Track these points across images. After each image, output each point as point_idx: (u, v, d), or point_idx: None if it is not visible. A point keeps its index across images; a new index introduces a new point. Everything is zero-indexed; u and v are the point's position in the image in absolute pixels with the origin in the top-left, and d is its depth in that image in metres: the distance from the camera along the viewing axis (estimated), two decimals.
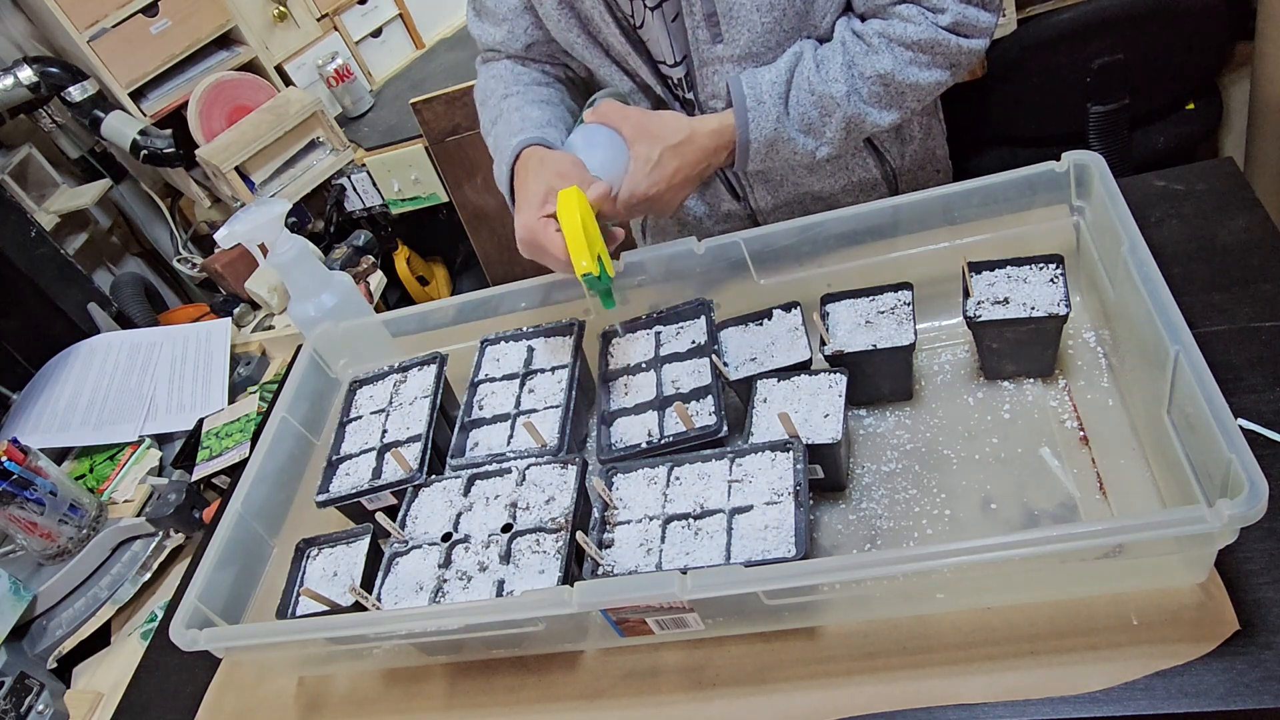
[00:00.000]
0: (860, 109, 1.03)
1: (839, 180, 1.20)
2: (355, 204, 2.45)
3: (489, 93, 1.19)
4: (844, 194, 1.21)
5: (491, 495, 1.00)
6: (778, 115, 1.03)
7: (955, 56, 1.01)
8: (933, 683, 0.79)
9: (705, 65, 1.06)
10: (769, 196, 1.22)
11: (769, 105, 1.03)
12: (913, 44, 0.99)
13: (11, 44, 2.19)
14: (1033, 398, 0.94)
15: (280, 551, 1.11)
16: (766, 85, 1.03)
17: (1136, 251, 0.83)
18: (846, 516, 0.92)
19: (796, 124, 1.04)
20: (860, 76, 1.01)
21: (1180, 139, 1.97)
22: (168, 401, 1.66)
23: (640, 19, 1.07)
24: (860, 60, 1.01)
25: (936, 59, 1.01)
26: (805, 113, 1.03)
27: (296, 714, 1.00)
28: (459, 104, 2.18)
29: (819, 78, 1.02)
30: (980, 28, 0.99)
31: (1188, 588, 0.77)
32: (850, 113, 1.03)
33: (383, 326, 1.28)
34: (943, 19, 0.98)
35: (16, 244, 1.87)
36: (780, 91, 1.03)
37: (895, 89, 1.02)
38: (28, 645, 1.37)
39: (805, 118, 1.04)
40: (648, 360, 1.08)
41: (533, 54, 1.20)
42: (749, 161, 1.07)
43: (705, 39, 1.04)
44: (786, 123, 1.04)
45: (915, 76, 1.01)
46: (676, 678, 0.88)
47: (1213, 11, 1.76)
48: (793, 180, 1.20)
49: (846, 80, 1.01)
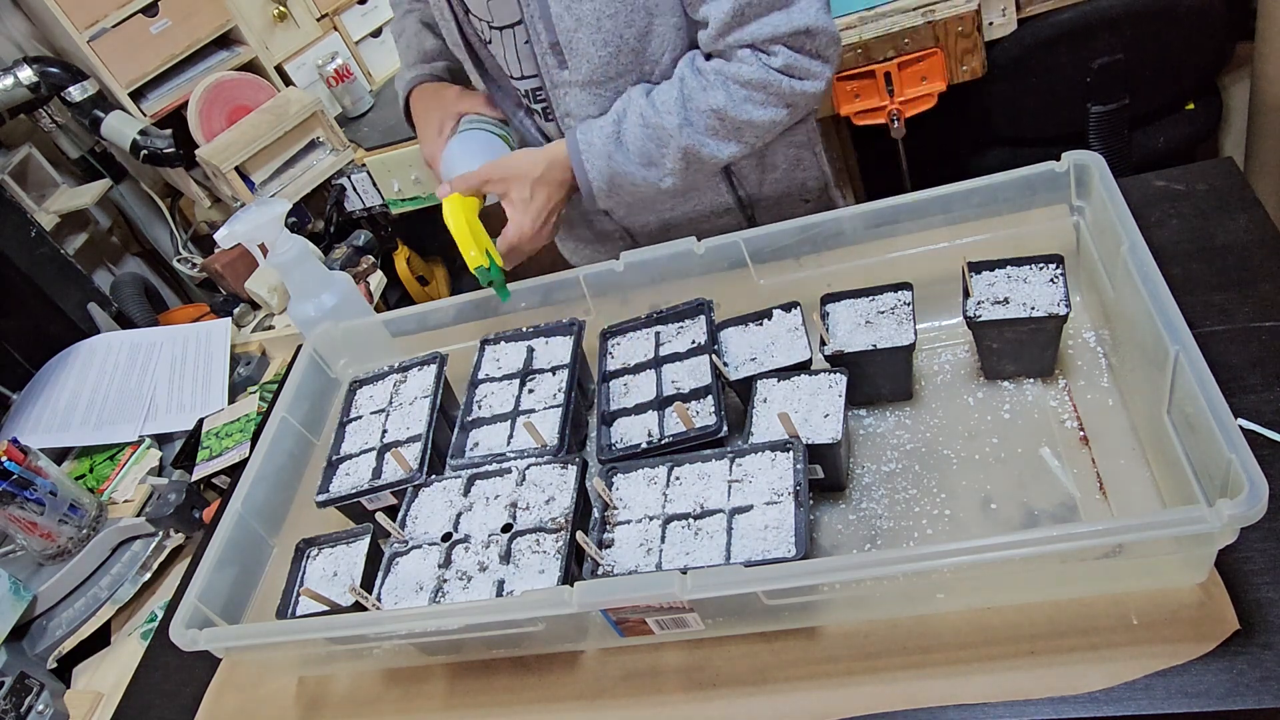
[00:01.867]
0: (696, 139, 1.06)
1: (689, 205, 1.24)
2: (355, 204, 2.45)
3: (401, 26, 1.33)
4: (698, 220, 1.25)
5: (491, 495, 1.00)
6: (609, 153, 1.09)
7: (790, 97, 1.04)
8: (933, 683, 0.79)
9: (556, 87, 1.12)
10: (633, 220, 1.27)
11: (599, 147, 1.09)
12: (746, 82, 1.03)
13: (11, 44, 2.18)
14: (1033, 398, 0.94)
15: (280, 551, 1.11)
16: (596, 129, 1.10)
17: (1136, 251, 0.83)
18: (846, 516, 0.92)
19: (635, 158, 1.09)
20: (695, 110, 1.05)
21: (1180, 139, 1.97)
22: (168, 401, 1.66)
23: (489, 37, 1.13)
24: (696, 95, 1.05)
25: (771, 98, 1.04)
26: (642, 146, 1.08)
27: (296, 714, 1.00)
28: None
29: (652, 111, 1.06)
30: (813, 72, 1.04)
31: (1188, 588, 0.77)
32: (685, 143, 1.06)
33: (383, 326, 1.28)
34: (774, 61, 1.02)
35: (16, 244, 1.87)
36: (609, 133, 1.09)
37: (731, 123, 1.05)
38: (28, 645, 1.37)
39: (643, 151, 1.08)
40: (648, 360, 1.08)
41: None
42: (596, 200, 1.13)
43: (553, 64, 1.09)
44: (622, 158, 1.09)
45: (750, 113, 1.05)
46: (676, 678, 0.88)
47: (1213, 11, 1.76)
48: (643, 207, 1.24)
49: (679, 113, 1.05)
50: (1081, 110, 1.92)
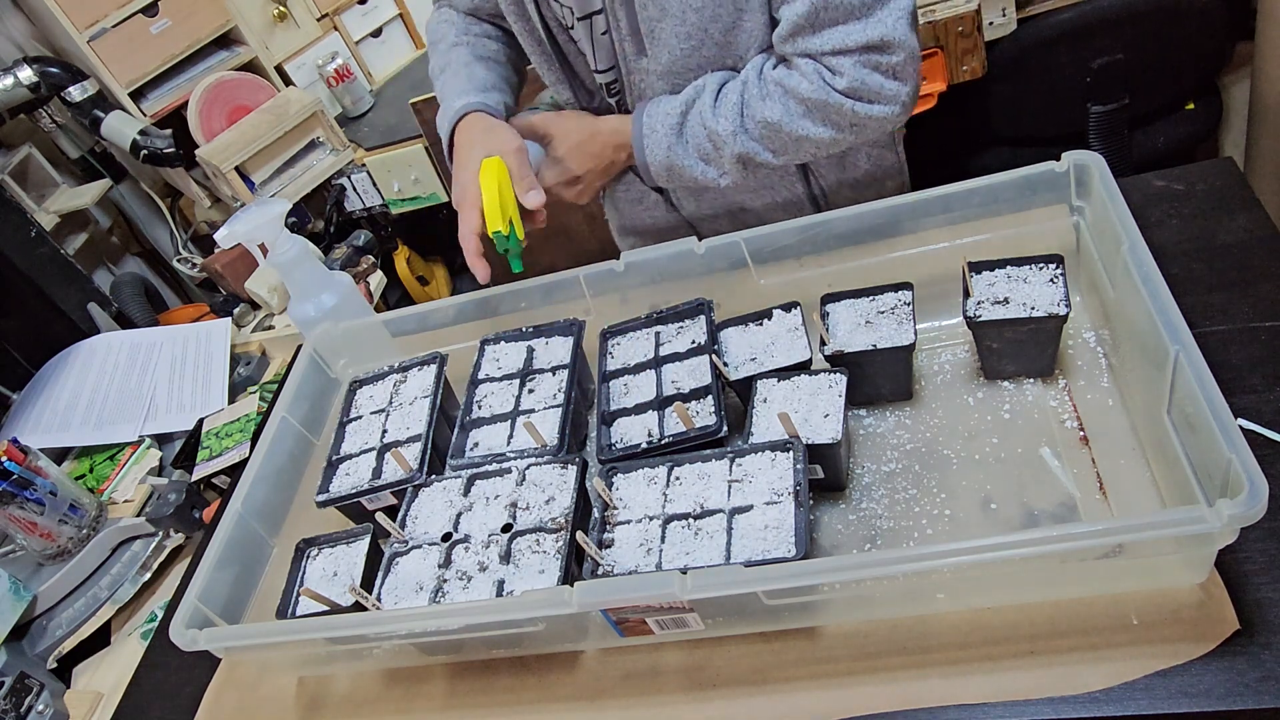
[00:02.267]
0: (749, 146, 1.04)
1: (761, 198, 1.22)
2: (355, 204, 2.45)
3: (439, 36, 1.25)
4: (768, 211, 1.23)
5: (491, 495, 1.00)
6: (669, 144, 1.08)
7: (851, 119, 0.99)
8: (933, 683, 0.79)
9: (632, 74, 1.10)
10: (695, 205, 1.25)
11: (661, 134, 1.08)
12: (803, 100, 0.99)
13: (11, 44, 2.19)
14: (1033, 398, 0.94)
15: (280, 551, 1.11)
16: (661, 115, 1.08)
17: (1136, 251, 0.83)
18: (846, 516, 0.92)
19: (695, 153, 1.08)
20: (750, 119, 1.03)
21: (1180, 139, 1.98)
22: (168, 401, 1.66)
23: (570, 23, 1.11)
24: (753, 103, 1.02)
25: (830, 118, 0.99)
26: (700, 144, 1.07)
27: (296, 714, 1.00)
28: None
29: (711, 114, 1.04)
30: (885, 95, 0.97)
31: (1188, 588, 0.77)
32: (739, 150, 1.04)
33: (383, 326, 1.28)
34: (838, 82, 0.96)
35: (16, 244, 1.87)
36: (673, 123, 1.07)
37: (786, 137, 1.02)
38: (28, 645, 1.37)
39: (701, 149, 1.07)
40: (648, 360, 1.08)
41: (479, 14, 1.26)
42: (653, 179, 1.12)
43: (631, 52, 1.07)
44: (681, 151, 1.08)
45: (806, 130, 1.01)
46: (676, 678, 0.88)
47: (1213, 11, 1.77)
48: (714, 192, 1.23)
49: (734, 120, 1.03)
50: (1081, 110, 1.92)
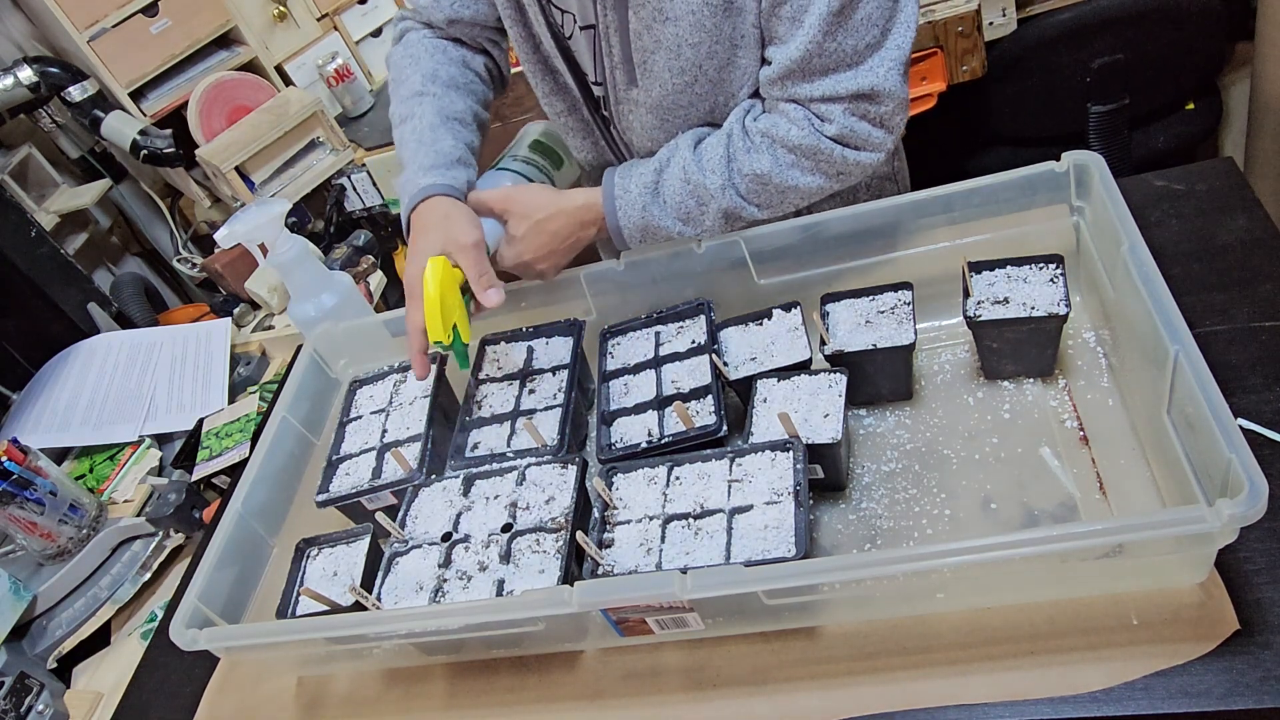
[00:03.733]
0: (736, 202, 1.02)
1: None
2: (355, 204, 2.45)
3: (402, 75, 1.17)
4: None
5: (491, 495, 1.00)
6: (644, 205, 1.05)
7: (839, 166, 0.99)
8: (933, 683, 0.79)
9: (621, 104, 1.09)
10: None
11: (635, 195, 1.05)
12: (794, 148, 0.98)
13: (11, 44, 2.19)
14: (1033, 398, 0.94)
15: (280, 551, 1.11)
16: (634, 176, 1.05)
17: (1136, 251, 0.83)
18: (846, 516, 0.92)
19: (672, 213, 1.05)
20: (738, 173, 1.01)
21: (1180, 139, 1.98)
22: (168, 401, 1.66)
23: (570, 31, 1.08)
24: (740, 156, 1.00)
25: (819, 165, 0.99)
26: (681, 202, 1.04)
27: (296, 714, 1.00)
28: None
29: (696, 167, 1.02)
30: (871, 143, 0.97)
31: (1188, 588, 0.77)
32: (726, 205, 1.02)
33: (383, 326, 1.27)
34: (828, 129, 0.96)
35: (16, 244, 1.87)
36: (648, 182, 1.04)
37: (774, 188, 1.01)
38: (28, 645, 1.37)
39: (681, 206, 1.04)
40: (648, 360, 1.08)
41: (454, 32, 1.19)
42: (624, 243, 1.09)
43: (622, 80, 1.05)
44: (658, 212, 1.05)
45: (795, 180, 1.00)
46: (676, 678, 0.88)
47: (1213, 11, 1.77)
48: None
49: (722, 174, 1.01)
50: (1081, 110, 1.92)
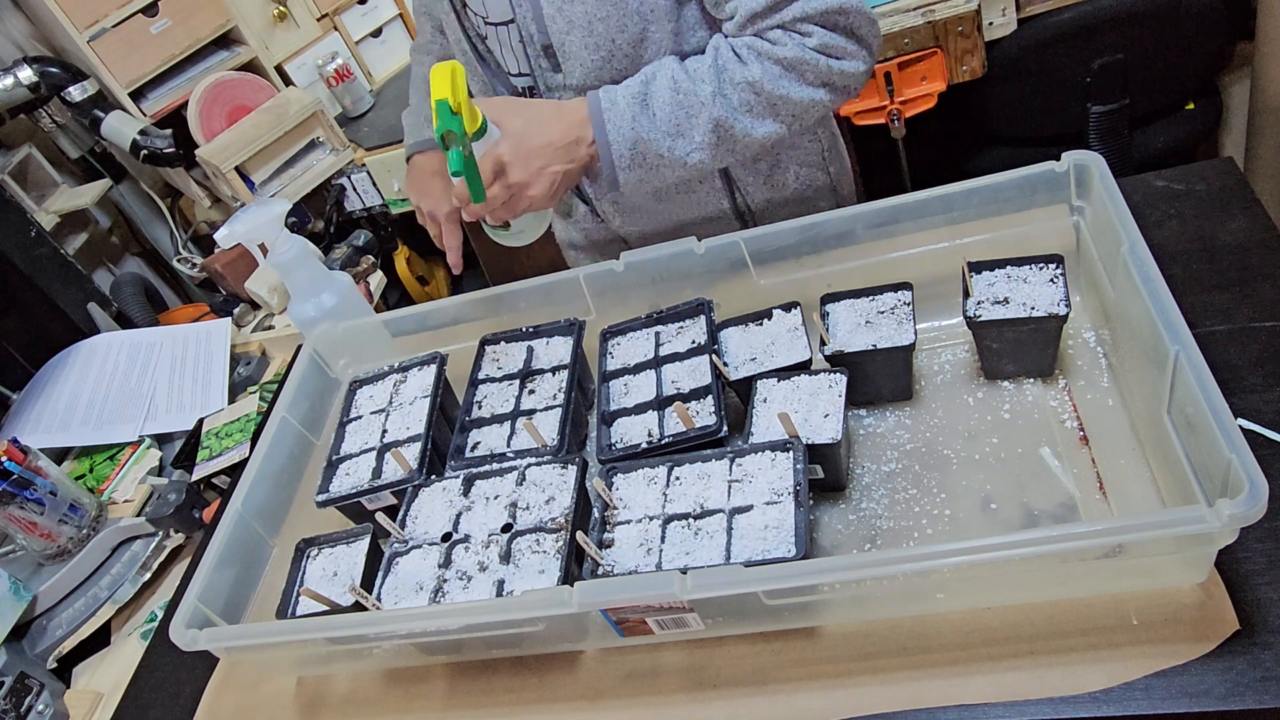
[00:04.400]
0: (729, 112, 1.01)
1: (685, 211, 1.23)
2: (355, 204, 2.45)
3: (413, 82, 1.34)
4: (691, 227, 1.24)
5: (491, 495, 1.00)
6: (633, 116, 1.01)
7: (828, 76, 1.00)
8: (933, 683, 0.79)
9: (551, 91, 1.11)
10: (621, 220, 1.26)
11: (623, 107, 1.02)
12: (780, 59, 0.99)
13: (11, 44, 2.18)
14: (1033, 398, 0.94)
15: (280, 551, 1.11)
16: (620, 90, 1.03)
17: (1136, 251, 0.83)
18: (846, 516, 0.92)
19: (663, 125, 1.02)
20: (730, 82, 1.01)
21: (1180, 139, 1.98)
22: (168, 401, 1.66)
23: (484, 32, 1.12)
24: (731, 67, 1.00)
25: (807, 76, 1.00)
26: (671, 114, 1.02)
27: (296, 714, 1.00)
28: None
29: (684, 76, 1.01)
30: (849, 51, 1.00)
31: (1188, 588, 0.77)
32: (717, 114, 1.01)
33: (383, 326, 1.28)
34: (810, 41, 0.99)
35: (16, 244, 1.87)
36: (636, 93, 1.02)
37: (767, 98, 1.01)
38: (28, 645, 1.37)
39: (672, 118, 1.02)
40: (648, 360, 1.08)
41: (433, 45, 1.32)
42: (617, 168, 1.04)
43: (547, 67, 1.09)
44: (648, 124, 1.02)
45: (786, 89, 1.00)
46: (676, 678, 0.88)
47: (1213, 12, 1.77)
48: (646, 208, 1.23)
49: (713, 82, 1.01)
50: (1081, 110, 1.92)
